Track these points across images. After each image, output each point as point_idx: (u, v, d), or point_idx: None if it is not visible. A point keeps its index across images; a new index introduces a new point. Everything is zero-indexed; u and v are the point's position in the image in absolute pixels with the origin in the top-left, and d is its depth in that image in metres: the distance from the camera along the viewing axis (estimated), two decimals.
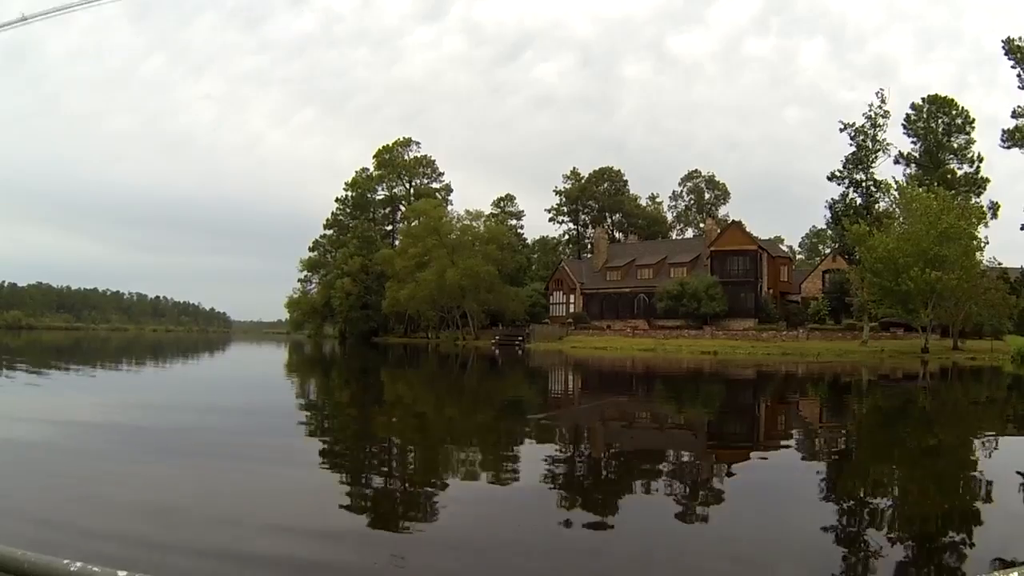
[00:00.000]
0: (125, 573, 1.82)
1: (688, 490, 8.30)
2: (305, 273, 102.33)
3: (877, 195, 54.82)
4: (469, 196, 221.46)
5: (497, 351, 59.36)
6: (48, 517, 6.09)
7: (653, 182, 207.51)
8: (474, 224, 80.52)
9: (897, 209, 49.95)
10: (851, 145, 56.06)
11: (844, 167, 56.33)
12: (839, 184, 56.80)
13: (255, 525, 6.20)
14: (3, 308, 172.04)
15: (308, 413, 16.66)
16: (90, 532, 5.66)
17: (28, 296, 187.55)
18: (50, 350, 48.49)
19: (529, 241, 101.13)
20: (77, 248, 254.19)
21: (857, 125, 55.69)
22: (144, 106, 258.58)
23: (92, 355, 43.30)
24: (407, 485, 8.59)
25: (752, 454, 11.05)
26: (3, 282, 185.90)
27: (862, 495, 8.23)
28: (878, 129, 55.35)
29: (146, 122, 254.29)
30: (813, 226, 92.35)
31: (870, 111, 55.53)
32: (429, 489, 8.19)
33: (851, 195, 56.38)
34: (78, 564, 1.85)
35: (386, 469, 9.82)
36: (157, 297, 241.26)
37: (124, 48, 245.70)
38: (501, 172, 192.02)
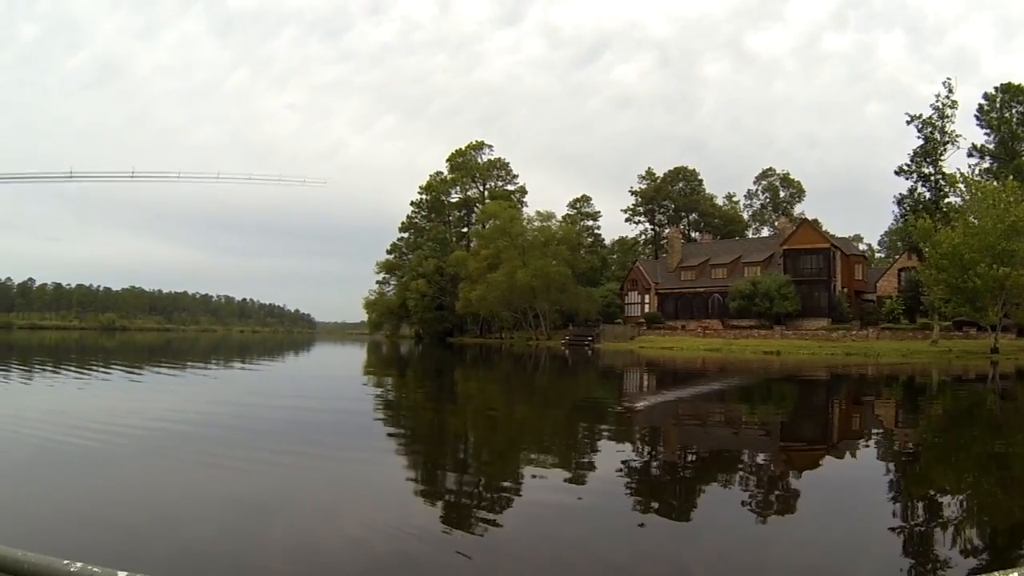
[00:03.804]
0: (125, 573, 1.87)
1: (758, 490, 8.66)
2: (383, 275, 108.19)
3: (946, 189, 54.68)
4: (549, 198, 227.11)
5: (567, 351, 62.26)
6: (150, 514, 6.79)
7: (733, 181, 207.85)
8: (546, 225, 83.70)
9: (964, 202, 50.18)
10: (919, 138, 56.09)
11: (912, 160, 56.37)
12: (907, 178, 56.89)
13: (336, 519, 6.86)
14: (99, 311, 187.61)
15: (385, 410, 18.09)
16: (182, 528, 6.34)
17: (122, 299, 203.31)
18: (144, 350, 53.13)
19: (607, 242, 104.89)
20: (167, 253, 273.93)
21: (924, 116, 55.62)
22: (229, 117, 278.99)
23: (183, 354, 47.38)
24: (481, 481, 9.08)
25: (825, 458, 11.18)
26: (99, 286, 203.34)
27: (940, 500, 8.38)
28: (946, 120, 55.15)
29: (232, 132, 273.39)
30: (892, 223, 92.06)
31: (937, 101, 55.30)
32: (504, 485, 8.71)
33: (919, 189, 56.43)
34: (78, 564, 1.91)
35: (461, 465, 10.34)
36: (244, 299, 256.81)
37: (210, 63, 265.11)
38: (581, 173, 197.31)
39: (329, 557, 5.63)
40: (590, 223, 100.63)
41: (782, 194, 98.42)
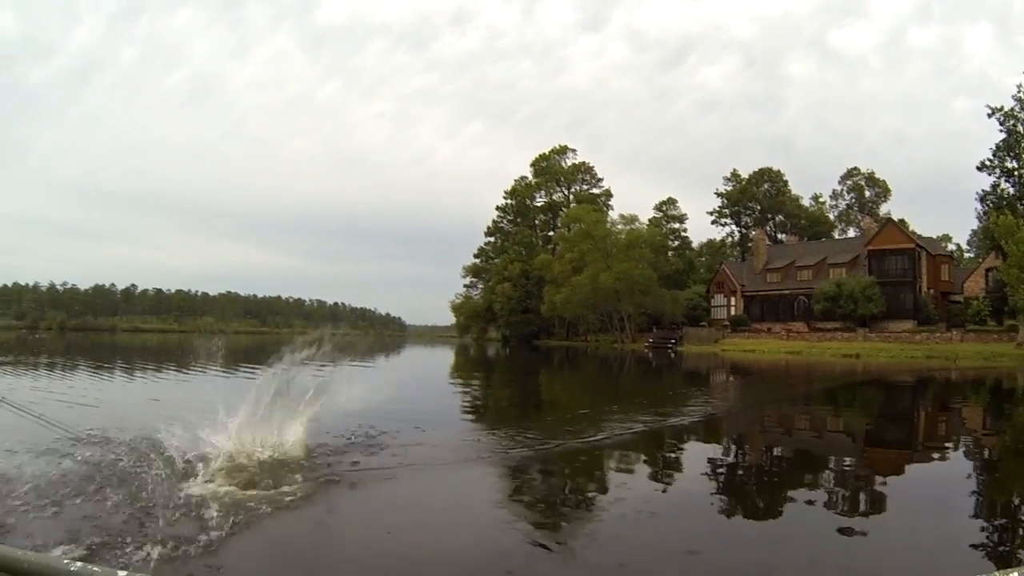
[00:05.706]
0: (125, 573, 1.90)
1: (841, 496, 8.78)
2: (469, 279, 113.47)
3: None
4: (639, 200, 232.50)
5: (650, 353, 64.64)
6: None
7: (820, 181, 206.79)
8: (630, 228, 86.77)
9: None
10: (1001, 131, 55.95)
11: (994, 155, 56.23)
12: (989, 174, 57.02)
13: (420, 521, 7.07)
14: (197, 314, 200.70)
15: (472, 410, 19.08)
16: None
17: (219, 304, 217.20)
18: (240, 351, 58.31)
19: (695, 244, 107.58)
20: (262, 260, 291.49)
21: (1006, 109, 55.41)
22: (321, 128, 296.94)
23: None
24: (568, 483, 9.34)
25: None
26: (197, 292, 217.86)
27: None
28: None
29: (323, 142, 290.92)
30: (978, 222, 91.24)
31: (1019, 92, 54.86)
32: (590, 485, 9.06)
33: (1003, 185, 56.42)
34: (78, 564, 1.94)
35: (546, 463, 10.25)
36: (335, 303, 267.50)
37: (301, 76, 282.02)
38: (670, 176, 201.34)
39: (415, 551, 6.07)
40: (676, 225, 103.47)
41: (867, 194, 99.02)
